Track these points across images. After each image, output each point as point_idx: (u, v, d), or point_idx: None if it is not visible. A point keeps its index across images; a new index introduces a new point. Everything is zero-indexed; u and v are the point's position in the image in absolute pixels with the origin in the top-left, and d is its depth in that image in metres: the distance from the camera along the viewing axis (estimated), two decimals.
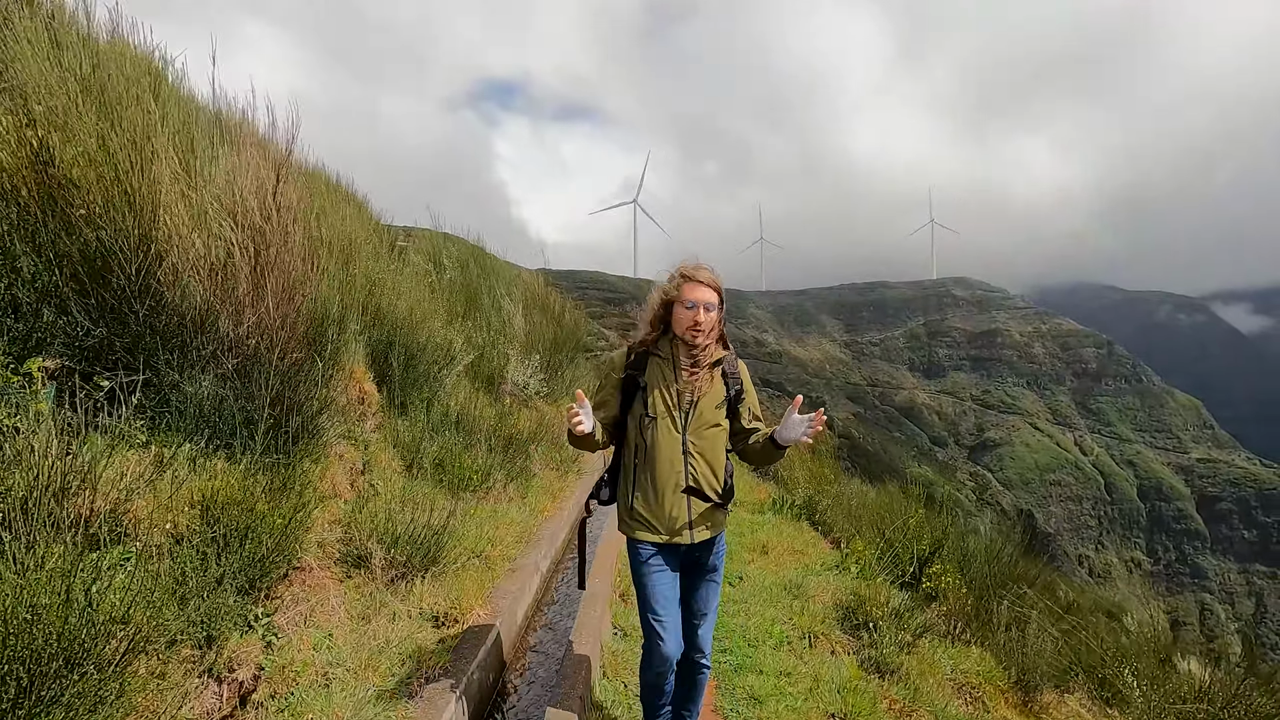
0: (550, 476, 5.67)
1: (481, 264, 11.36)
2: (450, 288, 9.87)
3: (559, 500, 5.26)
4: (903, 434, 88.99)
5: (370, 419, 4.04)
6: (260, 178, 2.98)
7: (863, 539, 5.71)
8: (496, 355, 8.33)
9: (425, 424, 4.71)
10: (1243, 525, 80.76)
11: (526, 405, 8.11)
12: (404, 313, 4.84)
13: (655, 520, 2.30)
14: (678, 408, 2.29)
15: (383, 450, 4.02)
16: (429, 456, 4.36)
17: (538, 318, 10.59)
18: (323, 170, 9.61)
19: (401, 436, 4.29)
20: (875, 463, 47.13)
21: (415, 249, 11.31)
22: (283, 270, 3.02)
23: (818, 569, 4.51)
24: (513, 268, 12.64)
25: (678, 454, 2.28)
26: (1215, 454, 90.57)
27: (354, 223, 5.30)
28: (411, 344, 4.82)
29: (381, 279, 4.92)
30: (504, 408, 6.75)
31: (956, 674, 3.57)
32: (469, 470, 4.61)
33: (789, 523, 5.44)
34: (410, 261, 10.67)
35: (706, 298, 2.26)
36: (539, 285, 11.84)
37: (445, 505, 4.18)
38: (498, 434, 5.50)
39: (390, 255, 10.24)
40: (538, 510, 4.79)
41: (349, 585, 2.99)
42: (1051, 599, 5.11)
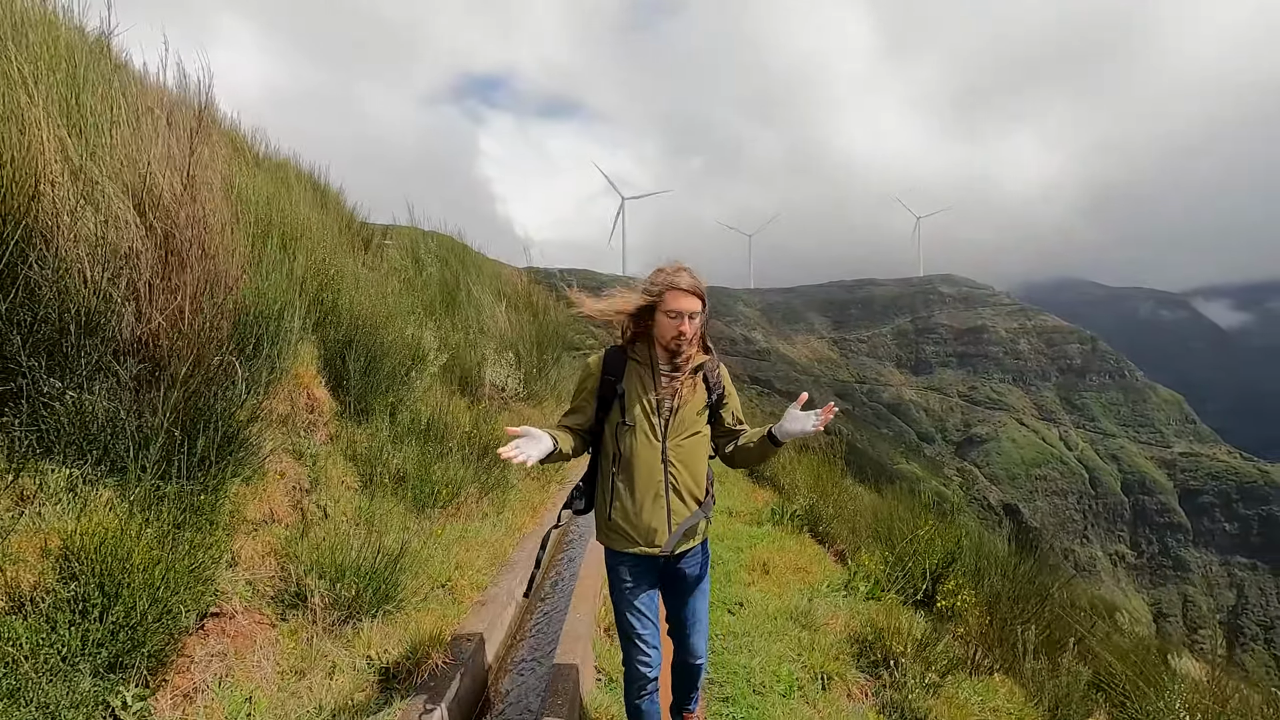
0: (530, 487, 5.21)
1: (462, 260, 10.87)
2: (429, 285, 9.39)
3: (539, 514, 4.80)
4: (891, 430, 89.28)
5: (321, 429, 3.56)
6: (171, 147, 2.49)
7: (868, 551, 5.30)
8: (474, 355, 7.85)
9: (388, 432, 4.24)
10: (1224, 518, 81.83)
11: (507, 408, 7.64)
12: (365, 309, 4.35)
13: (634, 531, 2.19)
14: (657, 415, 2.18)
15: (336, 464, 3.54)
16: (390, 469, 3.88)
17: (520, 315, 10.10)
18: (294, 161, 9.09)
19: (359, 447, 3.81)
20: (864, 459, 47.08)
21: (395, 245, 10.82)
22: (200, 259, 2.54)
23: (824, 589, 4.09)
24: (495, 264, 12.15)
25: (657, 463, 2.17)
26: (1197, 448, 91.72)
27: (311, 210, 4.80)
28: (374, 344, 4.33)
29: (341, 272, 4.43)
30: (481, 412, 6.27)
31: (985, 713, 3.16)
32: (437, 483, 4.14)
33: (790, 535, 5.02)
34: (388, 258, 10.19)
35: (691, 306, 2.14)
36: (522, 282, 11.36)
37: (408, 525, 3.71)
38: (472, 441, 5.03)
39: (363, 250, 9.73)
40: (514, 527, 4.33)
41: (283, 631, 2.52)
42: (1074, 616, 4.72)
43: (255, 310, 2.97)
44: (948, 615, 4.53)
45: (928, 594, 4.53)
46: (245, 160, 6.41)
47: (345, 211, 10.14)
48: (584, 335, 21.49)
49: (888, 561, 4.74)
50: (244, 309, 2.91)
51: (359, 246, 9.64)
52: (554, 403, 9.11)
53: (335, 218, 9.08)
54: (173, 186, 2.47)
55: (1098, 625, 5.99)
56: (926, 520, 4.75)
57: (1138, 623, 16.08)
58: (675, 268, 2.17)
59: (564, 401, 9.97)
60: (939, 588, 4.54)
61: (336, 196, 9.83)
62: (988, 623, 4.27)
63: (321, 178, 9.57)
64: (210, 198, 2.65)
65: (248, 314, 2.94)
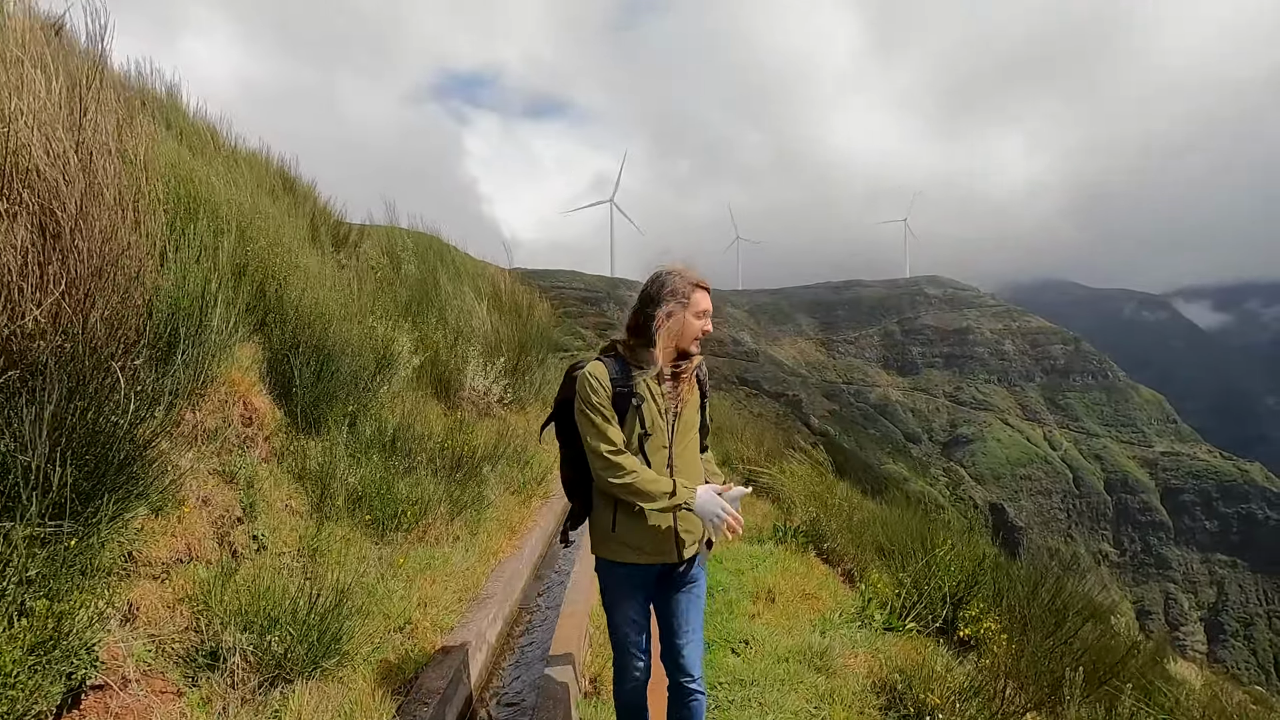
0: (509, 503, 4.73)
1: (441, 257, 10.36)
2: (406, 283, 8.90)
3: (519, 535, 4.33)
4: (878, 431, 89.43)
5: (261, 444, 3.07)
6: (50, 101, 2.01)
7: (878, 569, 4.88)
8: (454, 358, 7.36)
9: (346, 446, 3.75)
10: (1204, 516, 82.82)
11: (488, 414, 7.15)
12: (320, 306, 3.86)
13: (642, 540, 2.12)
14: (665, 420, 2.14)
15: (279, 485, 3.06)
16: (345, 488, 3.39)
17: (503, 315, 9.60)
18: (264, 153, 8.60)
19: (310, 464, 3.33)
20: (851, 460, 46.89)
21: (372, 242, 10.34)
22: (91, 241, 2.05)
23: (837, 620, 3.66)
24: (477, 262, 11.65)
25: (663, 469, 2.11)
26: (1178, 447, 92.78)
27: (264, 196, 4.30)
28: (330, 345, 3.84)
29: (294, 264, 3.93)
30: (458, 419, 5.79)
31: None
32: (401, 503, 3.66)
33: (794, 554, 4.58)
34: (364, 254, 9.68)
35: (710, 304, 2.17)
36: (506, 280, 10.86)
37: (364, 554, 3.23)
38: (446, 452, 4.55)
39: (336, 246, 9.21)
40: (490, 551, 3.86)
41: (192, 701, 2.04)
42: (1112, 644, 4.33)
43: (174, 305, 2.48)
44: (970, 644, 4.11)
45: (948, 621, 4.11)
46: (206, 148, 5.89)
47: (320, 206, 9.63)
48: (571, 336, 21.00)
49: (902, 584, 4.32)
50: (158, 303, 2.42)
51: (329, 242, 9.13)
52: (539, 407, 8.62)
53: (306, 210, 8.56)
54: (51, 152, 1.98)
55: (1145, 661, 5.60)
56: (943, 538, 4.33)
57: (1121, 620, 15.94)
58: (690, 267, 2.15)
59: (549, 406, 9.51)
60: (960, 613, 4.13)
61: (308, 190, 9.30)
62: (1017, 653, 3.85)
63: (292, 170, 9.05)
64: (108, 168, 2.16)
65: (163, 310, 2.45)
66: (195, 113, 7.64)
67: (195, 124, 7.20)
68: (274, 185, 6.78)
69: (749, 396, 63.10)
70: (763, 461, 7.11)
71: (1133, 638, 4.89)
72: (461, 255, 11.16)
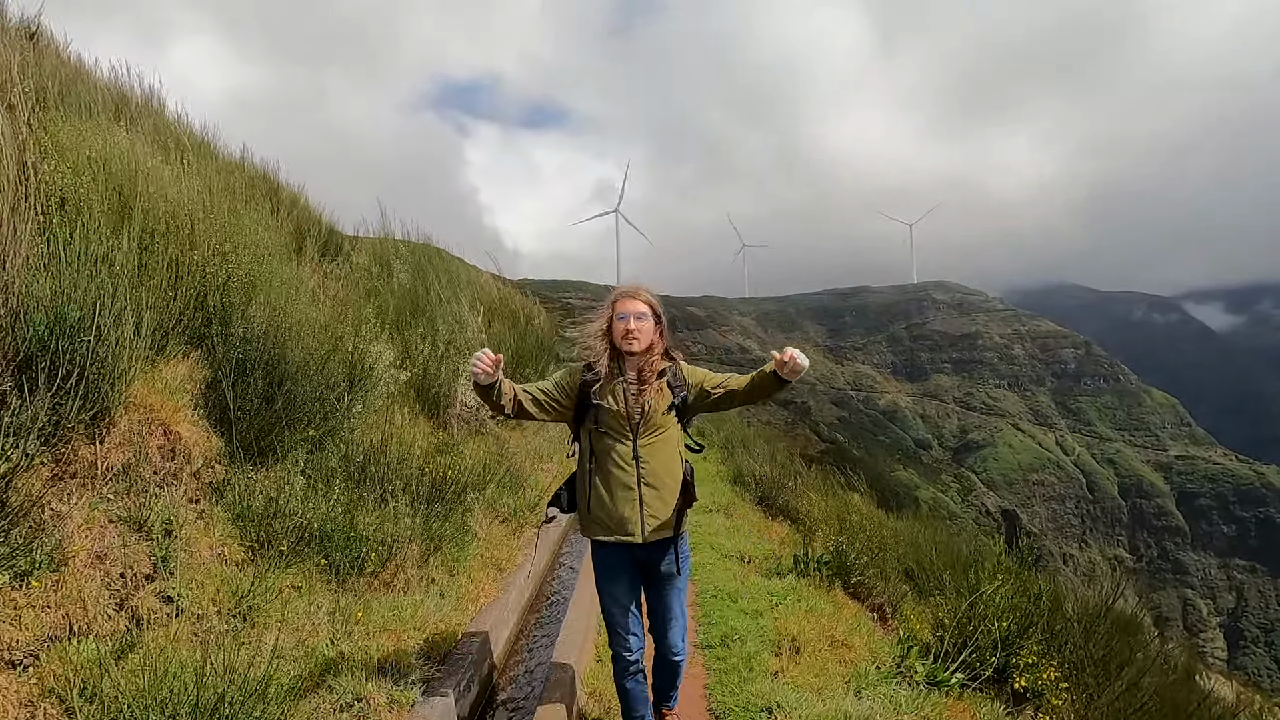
0: (497, 535, 4.22)
1: (435, 266, 9.90)
2: (395, 292, 8.44)
3: (505, 573, 3.81)
4: (887, 437, 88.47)
5: (187, 481, 2.57)
6: None
7: (911, 604, 4.35)
8: (445, 371, 6.87)
9: (307, 476, 3.26)
10: (1221, 520, 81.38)
11: (480, 432, 6.65)
12: (277, 317, 3.38)
13: (608, 519, 2.41)
14: (627, 419, 2.41)
15: (211, 529, 2.56)
16: (297, 527, 2.90)
17: (499, 325, 9.11)
18: (244, 158, 8.23)
19: (253, 502, 2.83)
20: (862, 467, 46.14)
21: (365, 251, 9.94)
22: None
23: (873, 676, 3.12)
24: (475, 270, 11.20)
25: (629, 458, 2.41)
26: (1193, 450, 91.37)
27: (219, 198, 3.83)
28: (290, 361, 3.36)
29: (244, 273, 3.45)
30: (444, 439, 5.29)
31: None
32: (366, 541, 3.16)
33: (818, 590, 4.04)
34: (355, 263, 9.27)
35: (636, 309, 2.43)
36: (501, 289, 10.39)
37: (318, 606, 2.73)
38: (425, 478, 4.05)
39: (323, 254, 8.78)
40: (469, 596, 3.34)
41: None
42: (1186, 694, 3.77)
43: (56, 317, 1.99)
44: (1022, 695, 3.57)
45: (999, 669, 3.57)
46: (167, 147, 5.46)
47: (311, 214, 9.22)
48: (570, 344, 20.56)
49: (943, 624, 3.78)
50: (35, 315, 1.94)
51: (316, 250, 8.69)
52: (537, 424, 8.14)
53: (290, 217, 8.13)
54: None
55: None
56: (988, 570, 3.79)
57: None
58: (627, 286, 2.53)
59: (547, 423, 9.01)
60: (1013, 660, 3.58)
61: (294, 196, 8.88)
62: (1081, 711, 3.31)
63: (278, 176, 8.64)
64: None
65: (42, 322, 1.97)
66: (172, 114, 7.25)
67: (167, 124, 6.79)
68: (248, 189, 6.34)
69: (758, 406, 62.39)
70: (778, 479, 6.59)
71: (1202, 688, 4.32)
72: (458, 263, 10.74)
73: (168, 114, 7.18)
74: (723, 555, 4.74)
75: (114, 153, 2.96)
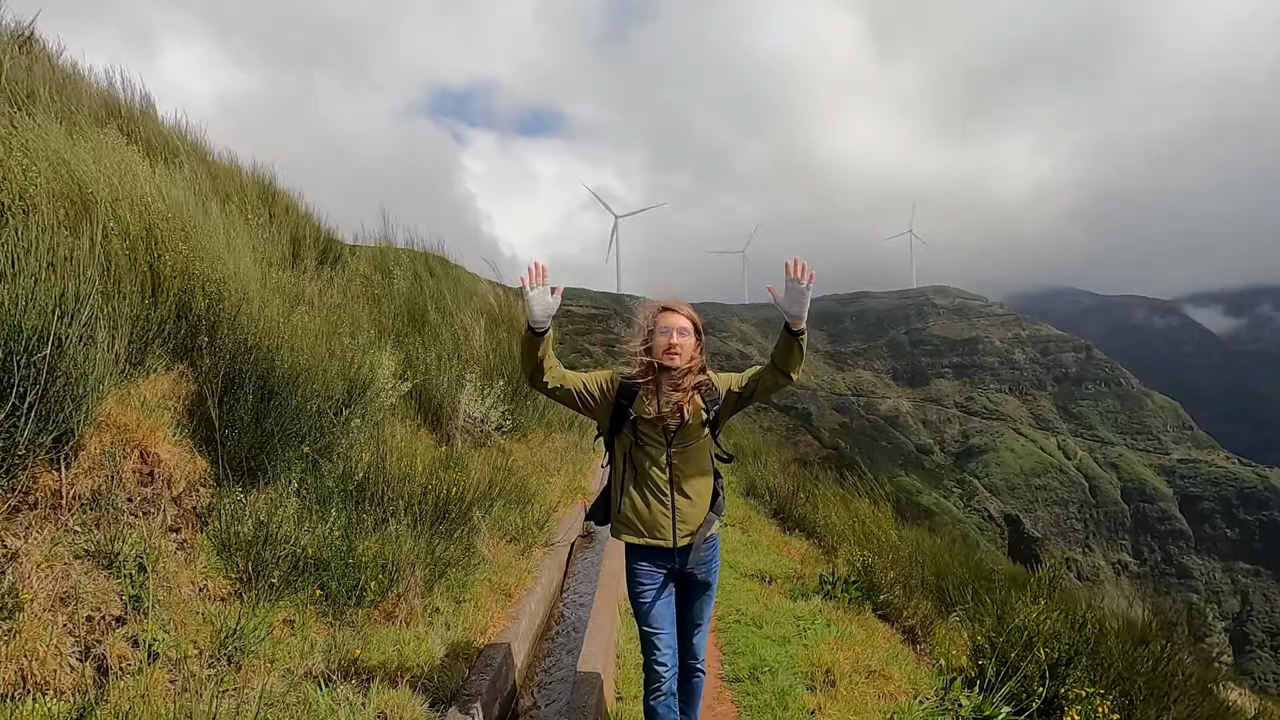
0: (505, 556, 3.97)
1: (436, 273, 9.68)
2: (396, 299, 8.21)
3: (515, 599, 3.55)
4: (889, 442, 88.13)
5: (167, 508, 2.33)
6: None
7: (944, 625, 4.09)
8: (447, 381, 6.64)
9: (301, 497, 3.02)
10: (1225, 524, 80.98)
11: (484, 444, 6.41)
12: (268, 326, 3.14)
13: (640, 523, 2.48)
14: (663, 430, 2.46)
15: (191, 562, 2.32)
16: (290, 555, 2.65)
17: (503, 334, 8.87)
18: (233, 161, 8.05)
19: (242, 528, 2.59)
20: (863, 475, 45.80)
21: (364, 258, 9.73)
22: None
23: (917, 713, 2.87)
24: (476, 278, 10.98)
25: (663, 466, 2.47)
26: (1195, 454, 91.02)
27: (201, 200, 3.59)
28: (283, 373, 3.12)
29: (232, 278, 3.21)
30: (448, 453, 5.05)
31: None
32: (365, 569, 2.92)
33: (848, 613, 3.79)
34: (354, 270, 9.05)
35: (679, 324, 2.46)
36: (502, 296, 10.16)
37: (312, 645, 2.48)
38: (428, 495, 3.81)
39: (318, 260, 8.55)
40: (476, 627, 3.09)
41: None
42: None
43: (9, 328, 1.76)
44: None
45: (1047, 700, 3.32)
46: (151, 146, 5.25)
47: (311, 222, 9.02)
48: (579, 354, 20.27)
49: (981, 650, 3.53)
50: None
51: (314, 257, 8.47)
52: (542, 434, 7.88)
53: (287, 223, 7.92)
54: None
55: None
56: (1037, 599, 3.54)
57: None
58: (668, 299, 2.51)
59: (554, 432, 8.77)
60: (1062, 691, 3.33)
61: (291, 202, 8.67)
62: None
63: (274, 181, 8.44)
64: None
65: None
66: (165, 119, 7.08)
67: (159, 128, 6.60)
68: (241, 194, 6.12)
69: (758, 410, 62.17)
70: (793, 492, 6.34)
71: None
72: (459, 270, 10.53)
73: (160, 119, 6.99)
74: (742, 575, 4.49)
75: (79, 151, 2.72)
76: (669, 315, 2.47)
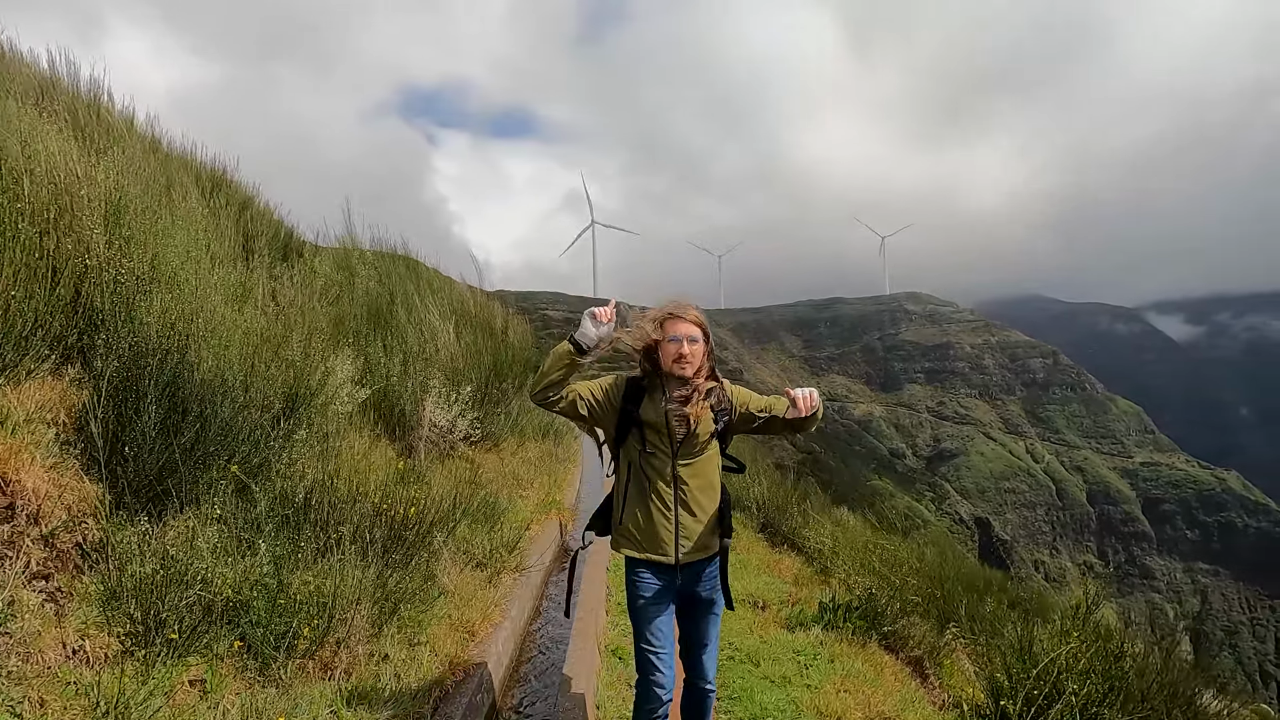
0: (470, 585, 3.51)
1: (404, 274, 9.18)
2: (358, 299, 7.71)
3: (481, 638, 3.10)
4: (862, 446, 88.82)
5: (30, 549, 1.85)
6: None
7: (949, 654, 3.74)
8: (411, 387, 6.15)
9: (229, 526, 2.54)
10: (1185, 525, 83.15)
11: (451, 455, 5.93)
12: (186, 326, 2.66)
13: (642, 537, 2.39)
14: (669, 439, 2.36)
15: (63, 619, 1.84)
16: (201, 598, 2.18)
17: (475, 337, 8.38)
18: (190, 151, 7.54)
19: (142, 569, 2.11)
20: (837, 479, 45.83)
21: (327, 257, 9.21)
22: None
23: None
24: (446, 279, 10.49)
25: (668, 478, 2.37)
26: (1157, 457, 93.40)
27: (147, 180, 3.10)
28: (203, 379, 2.65)
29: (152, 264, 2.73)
30: (407, 467, 4.58)
31: None
32: (297, 611, 2.45)
33: (852, 646, 3.41)
34: (316, 268, 8.53)
35: (689, 331, 2.35)
36: (478, 298, 9.67)
37: (220, 715, 2.01)
38: (382, 517, 3.34)
39: (280, 257, 8.07)
40: (432, 676, 2.63)
41: None
42: None
43: None
44: None
45: None
46: None
47: (270, 218, 8.49)
48: None
49: (998, 686, 3.18)
50: None
51: (273, 253, 7.99)
52: (516, 443, 7.41)
53: (239, 216, 7.41)
54: None
55: None
56: (1063, 626, 3.20)
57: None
58: (676, 303, 2.40)
59: (528, 441, 8.32)
60: None
61: (247, 196, 8.13)
62: None
63: (223, 171, 7.90)
64: None
65: None
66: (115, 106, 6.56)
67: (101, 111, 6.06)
68: (185, 183, 5.58)
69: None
70: (781, 504, 5.98)
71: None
72: (429, 271, 10.03)
73: (108, 104, 6.44)
74: (734, 600, 4.10)
75: None
76: (677, 322, 2.35)
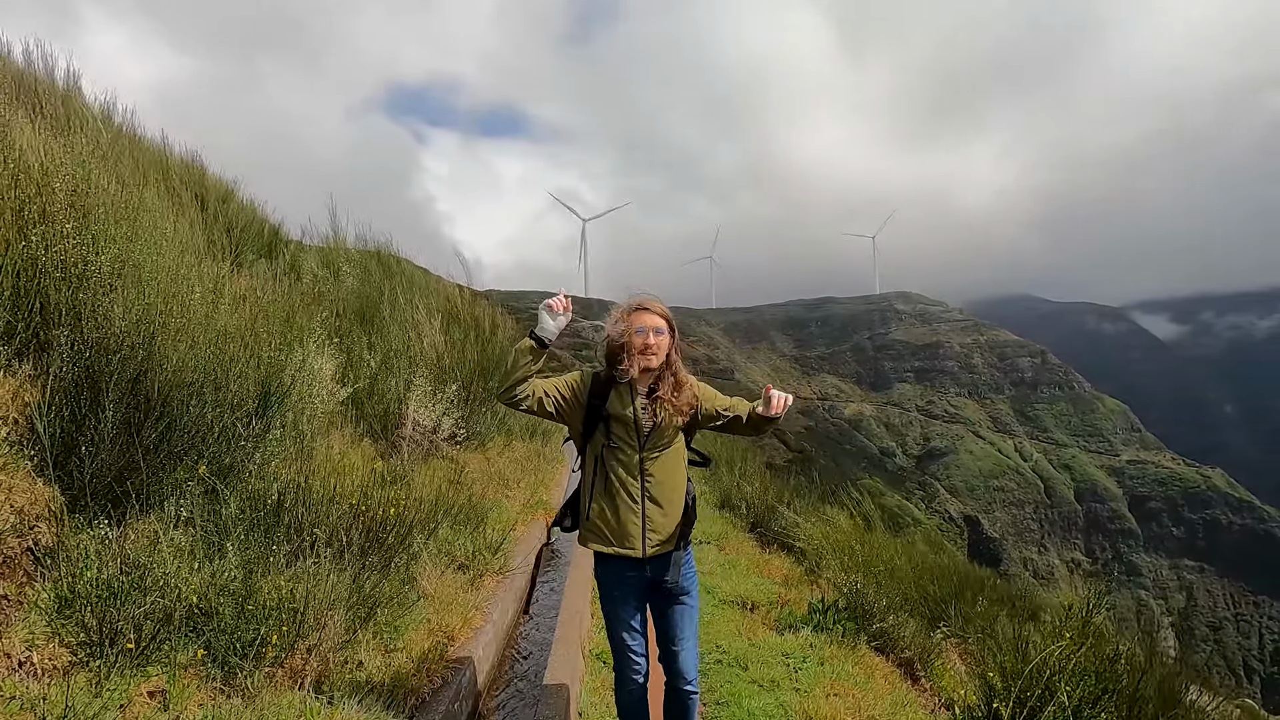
0: (451, 587, 3.42)
1: (390, 271, 9.07)
2: (342, 296, 7.60)
3: (460, 642, 3.01)
4: (853, 445, 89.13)
5: None
6: None
7: (941, 654, 3.68)
8: (395, 385, 6.05)
9: (200, 529, 2.44)
10: (1171, 523, 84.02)
11: (434, 455, 5.82)
12: (151, 318, 2.55)
13: (609, 531, 2.41)
14: (636, 432, 2.41)
15: (8, 628, 1.74)
16: (154, 608, 2.08)
17: (461, 335, 8.27)
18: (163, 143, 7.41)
19: (99, 573, 2.01)
20: (827, 477, 45.96)
21: (313, 254, 9.12)
22: None
23: None
24: (432, 276, 10.38)
25: (634, 471, 2.41)
26: (1143, 455, 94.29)
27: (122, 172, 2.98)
28: (169, 375, 2.54)
29: (120, 256, 2.62)
30: (388, 467, 4.47)
31: None
32: (265, 617, 2.35)
33: (842, 648, 3.34)
34: (299, 265, 8.43)
35: (654, 323, 2.44)
36: (463, 295, 9.56)
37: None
38: (360, 519, 3.24)
39: (263, 254, 7.96)
40: (407, 686, 2.54)
41: None
42: None
43: None
44: None
45: None
46: None
47: (254, 214, 8.37)
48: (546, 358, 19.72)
49: (992, 688, 3.12)
50: None
51: (255, 250, 7.88)
52: (501, 442, 7.31)
53: (220, 211, 7.29)
54: None
55: None
56: (1056, 626, 3.14)
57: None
58: (640, 297, 2.50)
59: (514, 440, 8.21)
60: None
61: (227, 190, 7.99)
62: None
63: (202, 165, 7.76)
64: None
65: None
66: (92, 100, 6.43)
67: (72, 102, 5.91)
68: (161, 176, 5.46)
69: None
70: (770, 503, 5.92)
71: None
72: (414, 268, 9.92)
73: (85, 99, 6.31)
74: (722, 601, 4.02)
75: None
76: (643, 314, 2.44)
